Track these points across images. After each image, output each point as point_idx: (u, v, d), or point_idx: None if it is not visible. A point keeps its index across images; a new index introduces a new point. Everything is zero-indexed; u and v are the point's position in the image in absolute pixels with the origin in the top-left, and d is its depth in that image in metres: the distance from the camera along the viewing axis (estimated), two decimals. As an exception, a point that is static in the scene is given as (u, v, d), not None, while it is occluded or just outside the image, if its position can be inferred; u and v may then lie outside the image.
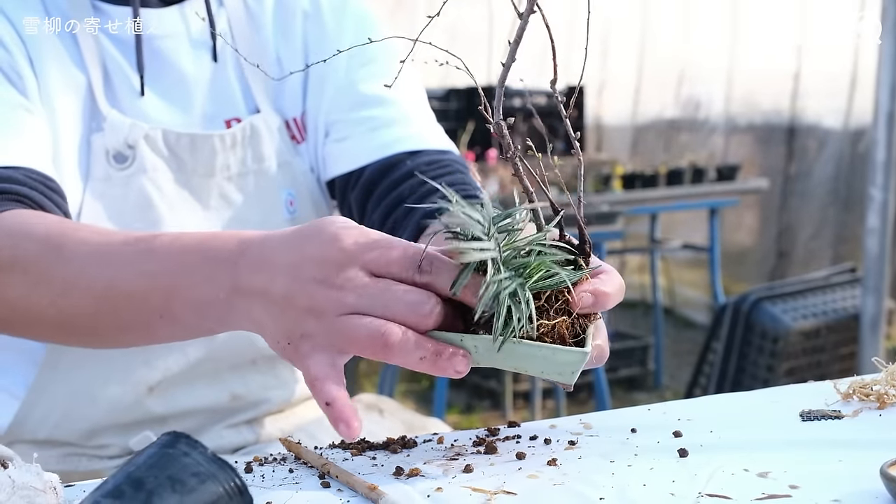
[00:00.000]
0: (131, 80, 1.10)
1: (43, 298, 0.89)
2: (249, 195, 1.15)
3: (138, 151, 1.08)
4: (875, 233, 3.10)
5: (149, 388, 1.12)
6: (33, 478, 0.65)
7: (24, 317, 0.92)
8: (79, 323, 0.90)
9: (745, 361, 3.35)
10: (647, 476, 0.74)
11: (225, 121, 1.15)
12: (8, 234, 0.92)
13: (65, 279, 0.88)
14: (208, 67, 1.14)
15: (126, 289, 0.85)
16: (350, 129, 1.16)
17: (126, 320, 0.87)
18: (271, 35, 1.17)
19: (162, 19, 1.11)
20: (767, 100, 5.42)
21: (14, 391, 1.12)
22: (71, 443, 1.13)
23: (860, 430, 0.84)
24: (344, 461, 0.81)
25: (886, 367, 0.91)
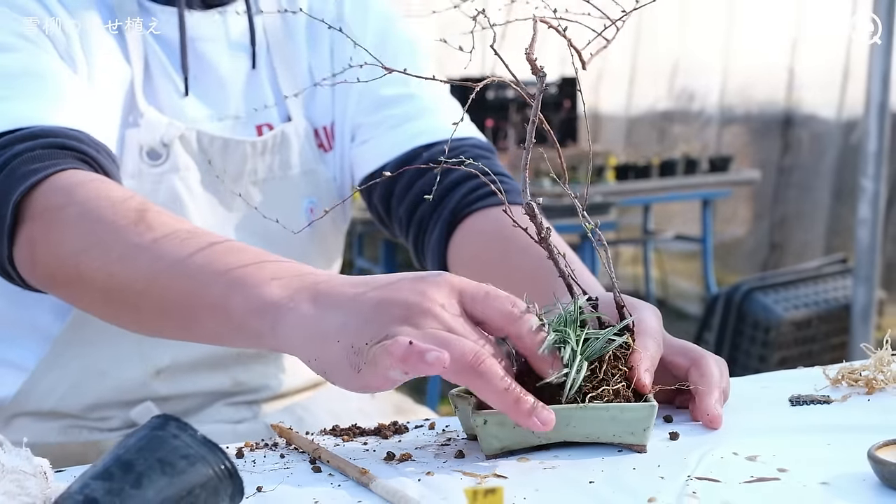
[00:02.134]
0: (173, 79, 1.11)
1: (96, 261, 0.87)
2: (272, 200, 1.16)
3: (172, 150, 1.10)
4: (866, 223, 3.10)
5: (156, 371, 1.14)
6: (23, 462, 0.65)
7: (69, 274, 0.90)
8: (125, 295, 0.86)
9: (737, 351, 3.36)
10: (637, 460, 0.74)
11: (256, 126, 1.16)
12: (75, 190, 0.90)
13: (127, 246, 0.85)
14: (244, 71, 1.15)
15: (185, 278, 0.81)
16: (371, 130, 1.18)
17: (174, 305, 0.83)
18: (304, 43, 1.19)
19: (204, 22, 1.13)
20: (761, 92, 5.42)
21: (23, 364, 1.14)
22: (73, 415, 1.15)
23: (849, 415, 0.84)
24: (335, 447, 0.81)
25: (875, 353, 0.91)
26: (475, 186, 1.10)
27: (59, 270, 0.91)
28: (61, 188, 0.91)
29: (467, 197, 1.10)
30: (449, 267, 1.12)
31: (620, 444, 0.76)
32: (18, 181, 0.91)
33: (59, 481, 0.67)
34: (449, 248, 1.11)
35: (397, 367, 0.68)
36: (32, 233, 0.91)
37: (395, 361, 0.68)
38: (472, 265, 1.06)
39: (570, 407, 0.74)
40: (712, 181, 4.71)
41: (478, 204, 1.10)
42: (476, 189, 1.10)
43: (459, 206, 1.10)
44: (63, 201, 0.90)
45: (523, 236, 0.78)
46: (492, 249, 1.05)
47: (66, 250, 0.89)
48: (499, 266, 1.00)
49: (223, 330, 0.81)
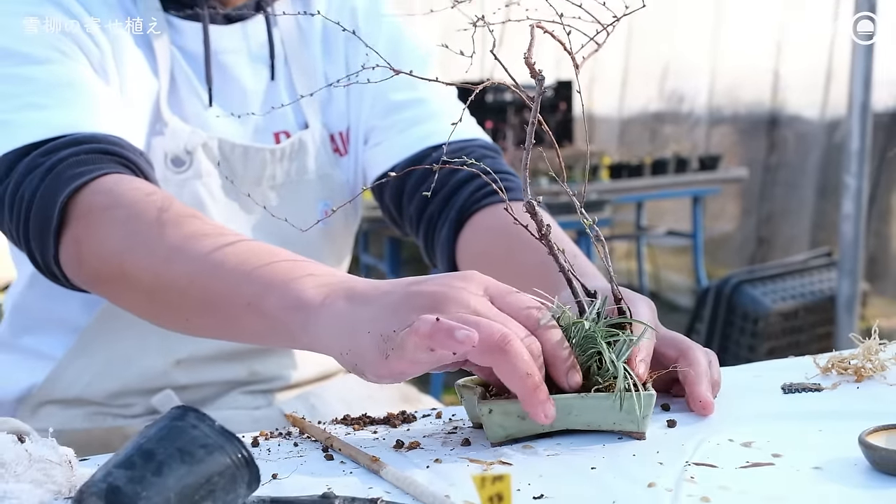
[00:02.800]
0: (198, 91, 1.13)
1: (140, 260, 0.87)
2: (288, 203, 1.17)
3: (195, 157, 1.11)
4: (850, 218, 3.10)
5: (177, 361, 1.15)
6: (49, 451, 0.65)
7: (114, 273, 0.90)
8: (167, 294, 0.87)
9: (727, 342, 3.35)
10: (636, 447, 0.74)
11: (274, 133, 1.17)
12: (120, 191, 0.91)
13: (170, 247, 0.85)
14: (264, 81, 1.17)
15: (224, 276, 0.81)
16: (383, 134, 1.19)
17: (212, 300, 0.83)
18: (319, 53, 1.20)
19: (226, 35, 1.14)
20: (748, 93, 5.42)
21: (51, 353, 1.16)
22: (98, 402, 1.16)
23: (839, 402, 0.83)
24: (346, 435, 0.81)
25: (863, 343, 0.91)
26: (481, 185, 1.10)
27: (104, 269, 0.91)
28: (106, 190, 0.92)
29: (474, 195, 1.10)
30: (458, 263, 1.12)
31: (620, 431, 0.76)
32: (65, 183, 0.92)
33: (83, 469, 0.67)
34: (457, 244, 1.11)
35: (424, 346, 0.67)
36: (78, 233, 0.92)
37: (421, 339, 0.67)
38: (480, 260, 1.06)
39: (571, 396, 0.74)
40: (702, 179, 4.71)
41: (484, 202, 1.10)
42: (482, 187, 1.10)
43: (466, 205, 1.11)
44: (108, 202, 0.91)
45: (527, 232, 0.77)
46: (498, 245, 1.05)
47: (110, 249, 0.90)
48: (505, 261, 0.99)
49: (259, 328, 0.80)
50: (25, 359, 1.17)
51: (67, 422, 1.14)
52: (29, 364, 1.17)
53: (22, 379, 1.17)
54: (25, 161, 0.95)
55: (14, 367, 1.18)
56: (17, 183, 0.95)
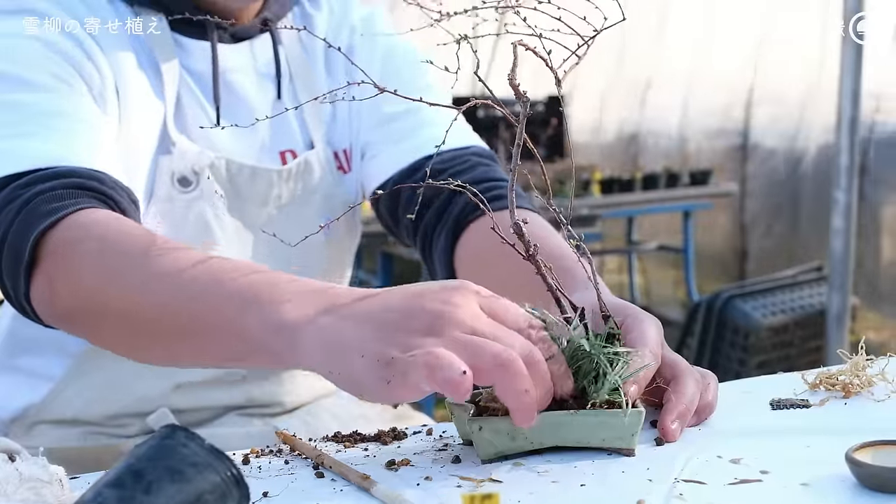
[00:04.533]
0: (205, 110, 1.12)
1: (113, 292, 0.84)
2: (293, 223, 1.16)
3: (202, 177, 1.10)
4: (840, 233, 3.11)
5: (176, 385, 1.14)
6: (39, 470, 0.65)
7: (87, 308, 0.87)
8: (140, 324, 0.84)
9: (718, 356, 3.36)
10: (625, 464, 0.74)
11: (280, 151, 1.17)
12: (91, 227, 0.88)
13: (142, 287, 0.83)
14: (271, 100, 1.16)
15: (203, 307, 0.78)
16: (377, 147, 1.19)
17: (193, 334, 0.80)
18: (322, 71, 1.20)
19: (233, 54, 1.14)
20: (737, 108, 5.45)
21: (49, 374, 1.15)
22: (94, 423, 1.15)
23: (827, 419, 0.84)
24: (337, 452, 0.81)
25: (851, 359, 0.92)
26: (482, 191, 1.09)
27: (77, 304, 0.89)
28: (79, 224, 0.89)
29: (469, 204, 1.10)
30: (456, 271, 1.12)
31: (610, 448, 0.76)
32: (38, 220, 0.89)
33: (73, 489, 0.67)
34: (455, 253, 1.11)
35: (430, 378, 0.65)
36: (49, 268, 0.89)
37: (429, 372, 0.65)
38: (478, 267, 1.06)
39: (561, 413, 0.74)
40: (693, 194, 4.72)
41: (479, 211, 1.09)
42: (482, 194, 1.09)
43: (463, 214, 1.11)
44: (81, 235, 0.88)
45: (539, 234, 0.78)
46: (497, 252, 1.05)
47: (83, 284, 0.87)
48: (503, 267, 1.00)
49: (239, 350, 0.77)
50: (22, 380, 1.16)
51: (61, 440, 1.13)
52: (26, 385, 1.16)
53: (18, 399, 1.16)
54: (3, 193, 0.93)
55: (11, 388, 1.17)
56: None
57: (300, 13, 1.22)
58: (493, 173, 1.13)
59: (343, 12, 1.23)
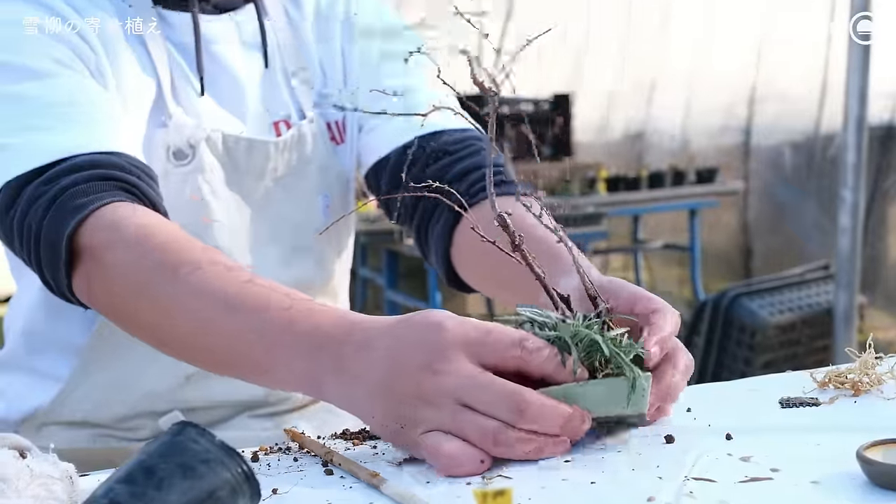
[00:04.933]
0: (192, 83, 1.12)
1: (142, 309, 0.90)
2: (291, 195, 1.17)
3: (198, 151, 1.10)
4: (847, 232, 3.10)
5: (186, 377, 1.14)
6: (50, 467, 0.65)
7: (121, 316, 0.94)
8: (174, 343, 0.91)
9: (724, 354, 3.35)
10: (635, 461, 0.74)
11: (273, 122, 1.17)
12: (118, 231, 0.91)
13: (170, 306, 0.87)
14: (259, 71, 1.16)
15: (228, 338, 0.84)
16: (378, 119, 1.18)
17: (220, 360, 0.87)
18: (313, 41, 1.20)
19: (217, 26, 1.14)
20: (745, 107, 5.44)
21: (56, 374, 1.14)
22: (104, 425, 1.15)
23: (836, 417, 0.84)
24: (346, 450, 0.81)
25: (860, 357, 0.91)
26: (479, 178, 1.10)
27: (113, 311, 0.94)
28: (107, 226, 0.92)
29: (474, 187, 1.10)
30: (453, 253, 1.12)
31: (619, 416, 0.76)
32: (68, 216, 0.92)
33: (84, 484, 0.67)
34: (455, 235, 1.11)
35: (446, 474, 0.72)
36: (88, 268, 0.93)
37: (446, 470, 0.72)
38: (476, 255, 1.05)
39: (570, 385, 0.74)
40: (699, 192, 4.71)
41: (482, 195, 1.09)
42: (480, 181, 1.10)
43: (466, 196, 1.10)
44: (109, 239, 0.91)
45: (528, 222, 0.79)
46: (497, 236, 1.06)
47: (117, 293, 0.92)
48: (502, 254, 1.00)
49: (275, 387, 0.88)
50: (32, 380, 1.15)
51: (71, 441, 1.13)
52: (35, 386, 1.15)
53: (28, 400, 1.15)
54: (28, 190, 0.95)
55: (21, 388, 1.16)
56: (23, 213, 0.95)
57: None
58: (496, 159, 1.13)
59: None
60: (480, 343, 0.72)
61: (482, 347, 0.72)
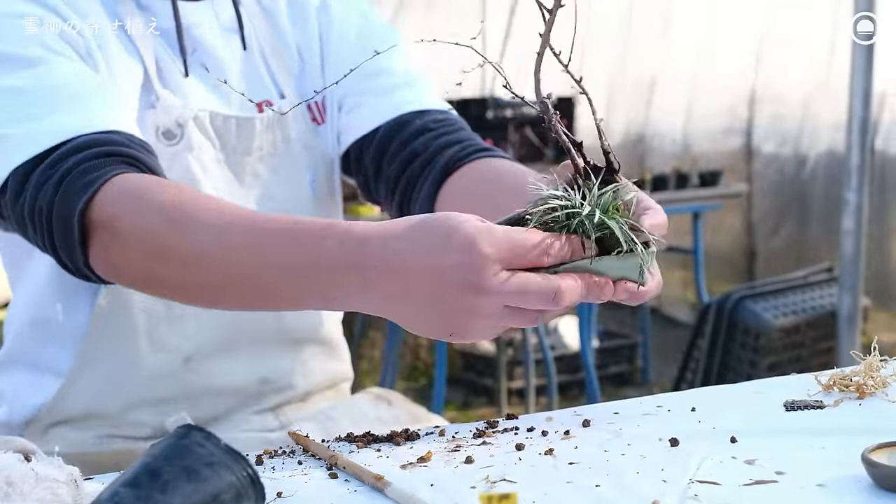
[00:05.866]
0: (177, 66, 1.15)
1: (161, 268, 0.93)
2: (278, 174, 1.20)
3: (186, 130, 1.13)
4: (850, 234, 3.10)
5: (184, 359, 1.15)
6: (55, 470, 0.65)
7: (144, 281, 0.97)
8: (200, 292, 0.94)
9: (728, 357, 3.35)
10: (640, 464, 0.74)
11: (257, 103, 1.20)
12: (126, 200, 0.95)
13: (184, 255, 0.91)
14: (239, 53, 1.20)
15: (248, 276, 0.88)
16: (360, 98, 1.22)
17: (248, 297, 0.91)
18: (289, 27, 1.24)
19: (195, 11, 1.17)
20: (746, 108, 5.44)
21: (58, 368, 1.15)
22: (107, 417, 1.15)
23: (841, 419, 0.84)
24: (350, 453, 0.81)
25: (864, 360, 0.91)
26: (466, 145, 1.15)
27: (135, 278, 0.98)
28: (116, 195, 0.95)
29: (458, 153, 1.14)
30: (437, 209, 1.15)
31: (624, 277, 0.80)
32: (77, 194, 0.95)
33: (89, 487, 0.67)
34: (438, 195, 1.14)
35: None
36: (104, 241, 0.96)
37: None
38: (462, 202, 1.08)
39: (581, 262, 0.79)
40: (703, 195, 4.70)
41: (467, 158, 1.14)
42: (466, 147, 1.15)
43: (451, 161, 1.14)
44: (120, 209, 0.95)
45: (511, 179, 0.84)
46: (480, 192, 1.09)
47: (136, 262, 0.95)
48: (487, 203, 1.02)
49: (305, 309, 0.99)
50: (33, 376, 1.16)
51: (77, 444, 1.13)
52: (37, 382, 1.16)
53: (31, 397, 1.15)
54: (35, 175, 0.98)
55: (24, 385, 1.17)
56: (33, 197, 0.98)
57: None
58: (473, 136, 1.19)
59: None
60: (512, 254, 0.77)
61: (514, 258, 0.77)
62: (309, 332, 1.24)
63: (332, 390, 1.29)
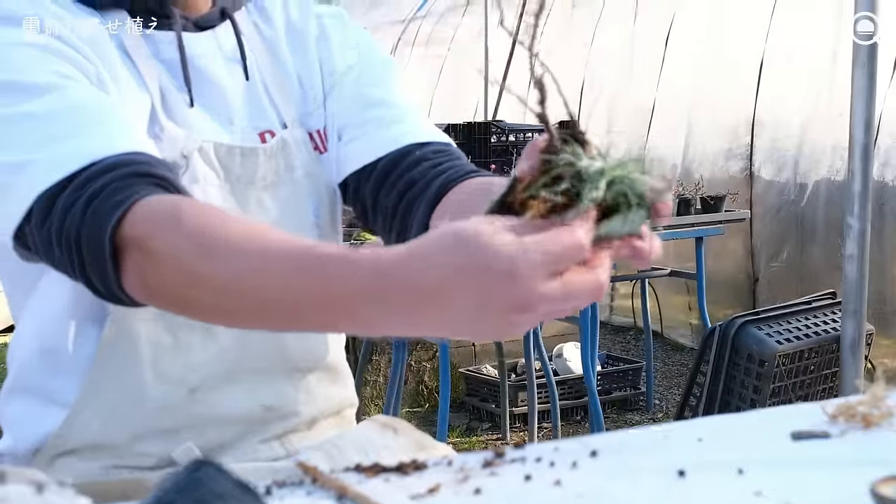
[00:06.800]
0: (181, 96, 1.16)
1: (195, 293, 0.90)
2: (282, 203, 1.20)
3: (191, 161, 1.14)
4: (853, 259, 3.10)
5: (189, 390, 1.15)
6: (67, 502, 0.65)
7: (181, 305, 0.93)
8: (235, 316, 0.91)
9: (732, 382, 3.34)
10: (648, 495, 0.74)
11: (259, 133, 1.21)
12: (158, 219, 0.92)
13: (217, 283, 0.88)
14: (241, 83, 1.21)
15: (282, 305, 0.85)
16: (361, 128, 1.23)
17: (283, 322, 0.89)
18: (289, 56, 1.26)
19: (199, 42, 1.19)
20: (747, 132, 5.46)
21: (63, 398, 1.14)
22: (113, 448, 1.15)
23: (848, 450, 0.84)
24: (358, 483, 0.81)
25: (869, 388, 0.92)
26: (460, 169, 1.18)
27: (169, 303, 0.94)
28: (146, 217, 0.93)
29: (452, 175, 1.17)
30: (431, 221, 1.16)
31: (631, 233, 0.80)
32: (107, 216, 0.93)
33: (100, 521, 0.67)
34: (433, 213, 1.15)
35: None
36: (138, 262, 0.93)
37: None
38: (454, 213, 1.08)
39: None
40: (705, 220, 4.71)
41: (460, 178, 1.16)
42: (460, 170, 1.18)
43: (446, 181, 1.16)
44: (152, 229, 0.92)
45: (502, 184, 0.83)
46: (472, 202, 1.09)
47: (168, 286, 0.92)
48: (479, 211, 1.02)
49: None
50: (40, 405, 1.16)
51: (84, 475, 1.12)
52: (43, 410, 1.16)
53: (37, 426, 1.15)
54: (63, 198, 0.96)
55: (29, 416, 1.17)
56: (60, 220, 0.96)
57: (255, 6, 1.28)
58: (472, 167, 1.21)
59: (304, 4, 1.30)
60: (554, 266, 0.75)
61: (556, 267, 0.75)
62: (314, 361, 1.25)
63: (337, 417, 1.29)
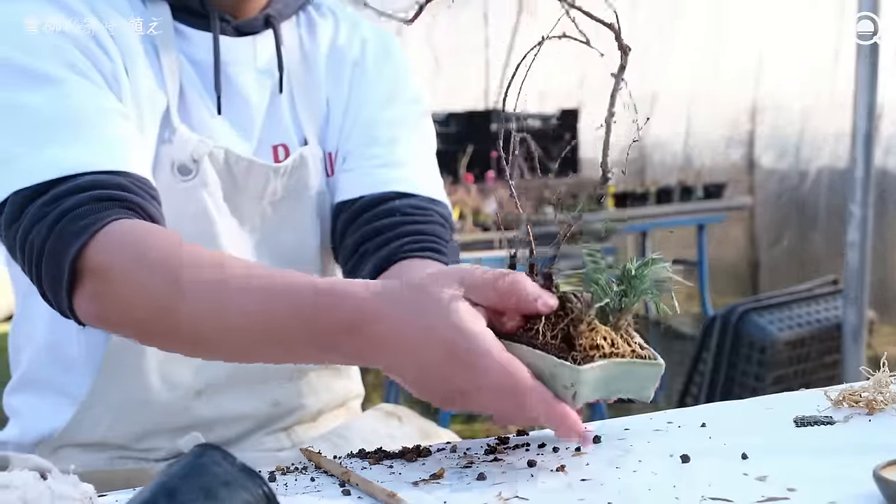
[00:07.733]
0: (205, 100, 1.14)
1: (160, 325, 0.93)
2: (287, 219, 1.18)
3: (201, 166, 1.12)
4: (855, 246, 3.09)
5: (196, 393, 1.15)
6: (70, 488, 0.65)
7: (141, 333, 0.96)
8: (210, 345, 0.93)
9: (734, 371, 3.34)
10: (651, 481, 0.74)
11: (272, 146, 1.18)
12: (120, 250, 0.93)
13: (189, 315, 0.90)
14: (267, 96, 1.18)
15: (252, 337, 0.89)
16: (358, 162, 1.21)
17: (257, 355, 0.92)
18: (323, 76, 1.22)
19: (235, 48, 1.16)
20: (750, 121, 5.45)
21: (74, 393, 1.14)
22: (121, 445, 1.15)
23: (852, 435, 0.84)
24: (363, 470, 0.81)
25: (874, 375, 0.92)
26: (421, 240, 1.14)
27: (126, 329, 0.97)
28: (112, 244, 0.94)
29: (406, 246, 1.13)
30: None
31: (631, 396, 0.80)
32: (71, 239, 0.93)
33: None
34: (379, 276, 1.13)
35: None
36: (96, 289, 0.94)
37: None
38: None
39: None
40: (707, 207, 4.71)
41: (411, 254, 1.12)
42: (420, 241, 1.13)
43: (395, 250, 1.13)
44: (114, 259, 0.93)
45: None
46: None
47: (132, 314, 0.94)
48: None
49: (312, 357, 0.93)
50: (50, 399, 1.15)
51: (89, 464, 1.12)
52: (53, 405, 1.15)
53: (44, 422, 1.15)
54: (32, 208, 0.96)
55: (37, 409, 1.16)
56: (26, 231, 0.96)
57: (306, 18, 1.24)
58: (443, 233, 1.16)
59: (353, 24, 1.26)
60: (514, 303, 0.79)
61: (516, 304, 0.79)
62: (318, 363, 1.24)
63: (343, 408, 1.29)
